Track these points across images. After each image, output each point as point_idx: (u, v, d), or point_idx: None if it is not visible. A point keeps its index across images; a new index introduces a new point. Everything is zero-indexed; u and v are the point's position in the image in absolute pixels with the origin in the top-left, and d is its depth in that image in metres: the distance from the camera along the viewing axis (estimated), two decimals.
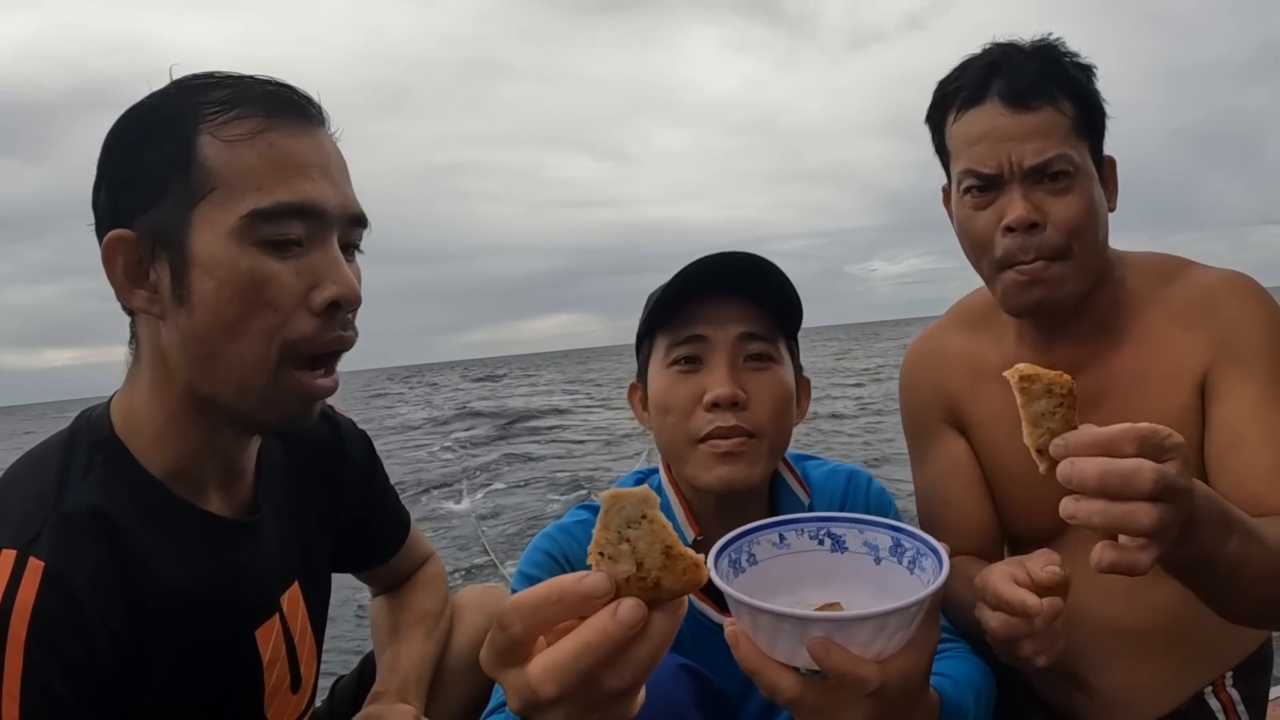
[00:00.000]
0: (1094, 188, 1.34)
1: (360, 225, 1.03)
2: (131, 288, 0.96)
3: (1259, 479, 1.20)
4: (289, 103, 0.97)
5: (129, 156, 0.96)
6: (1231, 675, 1.43)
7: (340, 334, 0.99)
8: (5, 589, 0.85)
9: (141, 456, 1.00)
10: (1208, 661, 1.41)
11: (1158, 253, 1.49)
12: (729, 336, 1.22)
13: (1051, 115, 1.30)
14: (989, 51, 1.37)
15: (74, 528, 0.91)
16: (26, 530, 0.89)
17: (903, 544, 0.94)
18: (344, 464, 1.34)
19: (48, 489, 0.94)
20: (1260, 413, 1.26)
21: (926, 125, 1.46)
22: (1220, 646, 1.41)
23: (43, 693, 0.84)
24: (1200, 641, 1.37)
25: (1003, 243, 1.31)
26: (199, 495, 1.04)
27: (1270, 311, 1.33)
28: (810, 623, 0.81)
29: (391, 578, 1.52)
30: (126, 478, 0.98)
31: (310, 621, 1.22)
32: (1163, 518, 0.80)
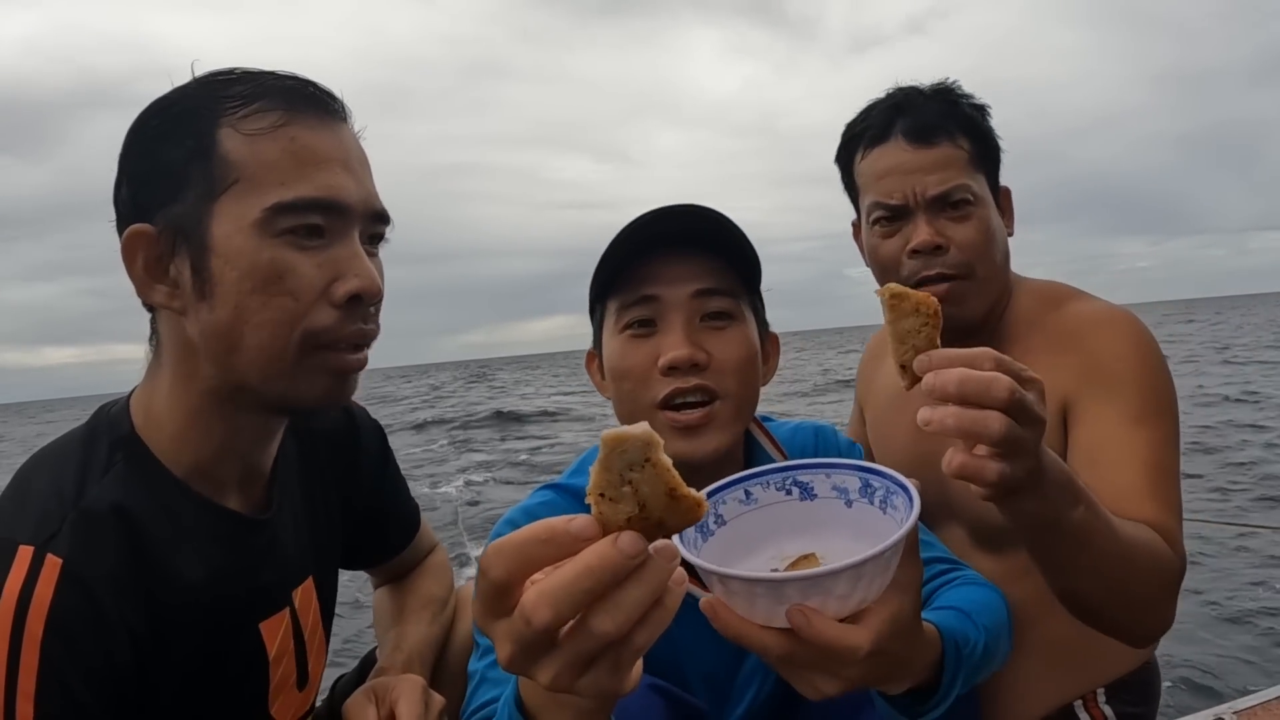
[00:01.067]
0: (992, 215, 1.47)
1: (382, 221, 1.03)
2: (152, 283, 0.96)
3: (1116, 496, 1.24)
4: (310, 97, 0.97)
5: (149, 151, 0.96)
6: (1104, 692, 1.51)
7: (361, 327, 0.99)
8: (23, 585, 0.84)
9: (162, 454, 0.99)
10: (1078, 672, 1.49)
11: (1053, 281, 1.59)
12: (683, 295, 1.15)
13: (951, 150, 1.43)
14: (892, 95, 1.51)
15: (93, 525, 0.90)
16: (45, 527, 0.88)
17: (871, 484, 0.92)
18: (359, 452, 1.33)
19: (67, 486, 0.93)
20: (1119, 435, 1.33)
21: (836, 165, 1.59)
22: (1092, 659, 1.49)
23: (59, 690, 0.83)
24: (1070, 650, 1.42)
25: (909, 264, 1.44)
26: (217, 492, 1.04)
27: (1139, 347, 1.41)
28: (784, 584, 0.78)
29: (398, 567, 1.50)
30: (147, 475, 0.98)
31: (321, 617, 1.21)
32: (1013, 430, 0.83)
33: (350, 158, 0.98)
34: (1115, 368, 1.39)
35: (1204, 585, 5.56)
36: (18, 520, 0.90)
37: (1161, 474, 1.31)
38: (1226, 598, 5.32)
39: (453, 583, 1.53)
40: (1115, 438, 1.33)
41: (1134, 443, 1.32)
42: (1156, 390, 1.38)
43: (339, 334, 0.96)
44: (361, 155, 1.01)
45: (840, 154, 1.57)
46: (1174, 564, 1.21)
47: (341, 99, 1.02)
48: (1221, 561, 5.97)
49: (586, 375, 1.33)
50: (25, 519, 0.89)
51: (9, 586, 0.84)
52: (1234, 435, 10.85)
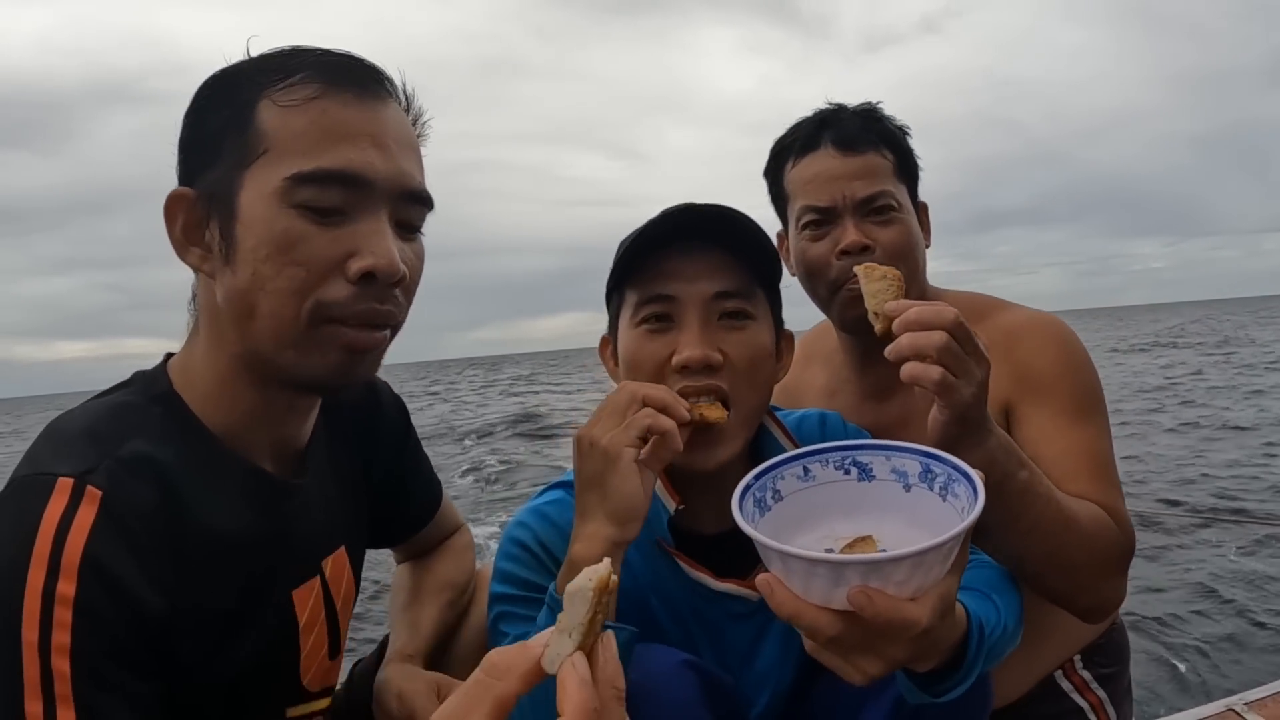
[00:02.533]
0: (913, 223, 1.56)
1: (417, 202, 1.01)
2: (187, 245, 0.98)
3: (1060, 484, 1.31)
4: (350, 71, 0.97)
5: (196, 119, 0.99)
6: (1080, 659, 1.64)
7: (374, 306, 0.96)
8: (63, 513, 0.84)
9: (199, 412, 1.00)
10: (1054, 643, 1.60)
11: (973, 292, 1.68)
12: (702, 295, 1.16)
13: (876, 158, 1.53)
14: (820, 112, 1.60)
15: (130, 470, 0.90)
16: (84, 465, 0.88)
17: (933, 469, 0.92)
18: (380, 425, 1.33)
19: (104, 434, 0.93)
20: (1052, 435, 1.43)
21: (765, 179, 1.68)
22: (1065, 630, 1.58)
23: (95, 620, 0.82)
24: (1045, 624, 1.49)
25: (838, 265, 1.51)
26: (250, 454, 1.04)
27: (1064, 349, 1.51)
28: (845, 566, 0.79)
29: (421, 544, 1.50)
30: (184, 430, 0.98)
31: (354, 586, 1.21)
32: (952, 345, 1.02)
33: (385, 135, 0.96)
34: (1046, 371, 1.48)
35: (1214, 579, 5.55)
36: (56, 459, 0.89)
37: (1100, 461, 1.41)
38: (1237, 593, 5.30)
39: (474, 567, 1.53)
40: (1053, 436, 1.42)
41: (1071, 438, 1.42)
42: (1086, 388, 1.49)
43: (350, 309, 0.95)
44: (402, 134, 1.00)
45: (769, 166, 1.66)
46: (1117, 537, 1.30)
47: (393, 78, 1.02)
48: (1240, 560, 5.96)
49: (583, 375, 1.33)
50: (63, 458, 0.89)
51: (49, 513, 0.83)
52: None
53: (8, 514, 0.85)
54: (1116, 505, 1.35)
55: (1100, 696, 1.63)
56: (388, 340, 1.02)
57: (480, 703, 0.62)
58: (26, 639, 0.79)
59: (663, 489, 1.21)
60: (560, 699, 0.62)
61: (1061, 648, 1.63)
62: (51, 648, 0.79)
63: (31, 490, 0.86)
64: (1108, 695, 1.64)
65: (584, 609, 0.63)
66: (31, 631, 0.79)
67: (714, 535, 1.24)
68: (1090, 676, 1.63)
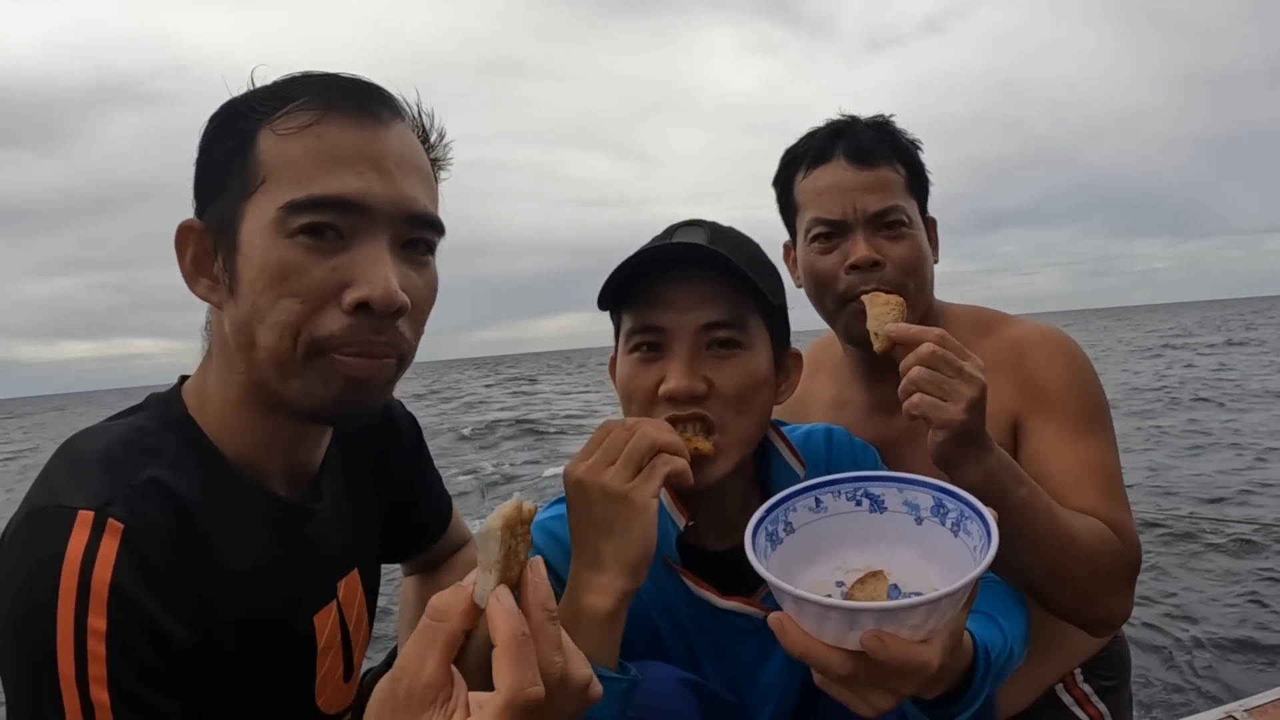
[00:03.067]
0: (923, 239, 1.56)
1: (424, 225, 0.98)
2: (197, 275, 0.98)
3: (1066, 498, 1.36)
4: (350, 93, 0.95)
5: (204, 153, 0.98)
6: (1080, 672, 1.64)
7: (370, 338, 0.93)
8: (86, 547, 0.83)
9: (212, 437, 1.00)
10: (1055, 657, 1.61)
11: (978, 306, 1.70)
12: (691, 326, 1.16)
13: (889, 173, 1.52)
14: (833, 122, 1.59)
15: (149, 500, 0.90)
16: (102, 496, 0.87)
17: (945, 504, 0.92)
18: (394, 444, 1.33)
19: (121, 462, 0.92)
20: (1060, 449, 1.44)
21: (774, 188, 1.66)
22: (1066, 643, 1.60)
23: (128, 653, 0.83)
24: (1046, 638, 1.48)
25: (846, 279, 1.50)
26: (265, 481, 1.04)
27: (1071, 363, 1.52)
28: (859, 612, 0.80)
29: (431, 559, 1.50)
30: (199, 458, 0.98)
31: (366, 609, 1.21)
32: (924, 375, 1.14)
33: (385, 157, 0.93)
34: (1053, 386, 1.49)
35: (1214, 584, 5.54)
36: (73, 490, 0.88)
37: (1106, 475, 1.41)
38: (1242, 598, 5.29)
39: None
40: (1061, 450, 1.43)
41: (1078, 452, 1.43)
42: (1092, 402, 1.50)
43: (345, 341, 0.93)
44: (405, 156, 0.96)
45: (780, 175, 1.64)
46: (1121, 552, 1.31)
47: (392, 95, 0.99)
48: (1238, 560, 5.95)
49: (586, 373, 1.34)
50: (80, 489, 0.88)
51: (72, 548, 0.83)
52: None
53: (29, 548, 0.85)
54: (1122, 519, 1.36)
55: (1101, 709, 1.64)
56: (393, 370, 0.99)
57: (432, 645, 0.68)
58: (63, 673, 0.80)
59: (671, 505, 1.22)
60: (491, 631, 0.67)
61: (1063, 661, 1.64)
62: (89, 679, 0.80)
63: (53, 523, 0.85)
64: (1109, 708, 1.64)
65: (496, 546, 0.69)
66: (68, 666, 0.80)
67: (719, 552, 1.25)
68: (1091, 689, 1.63)
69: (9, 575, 0.84)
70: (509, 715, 0.65)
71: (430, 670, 0.68)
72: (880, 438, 1.56)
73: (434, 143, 1.05)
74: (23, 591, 0.82)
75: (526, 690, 0.66)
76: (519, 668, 0.66)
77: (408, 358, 1.01)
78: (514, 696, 0.65)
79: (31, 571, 0.83)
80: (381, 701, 0.71)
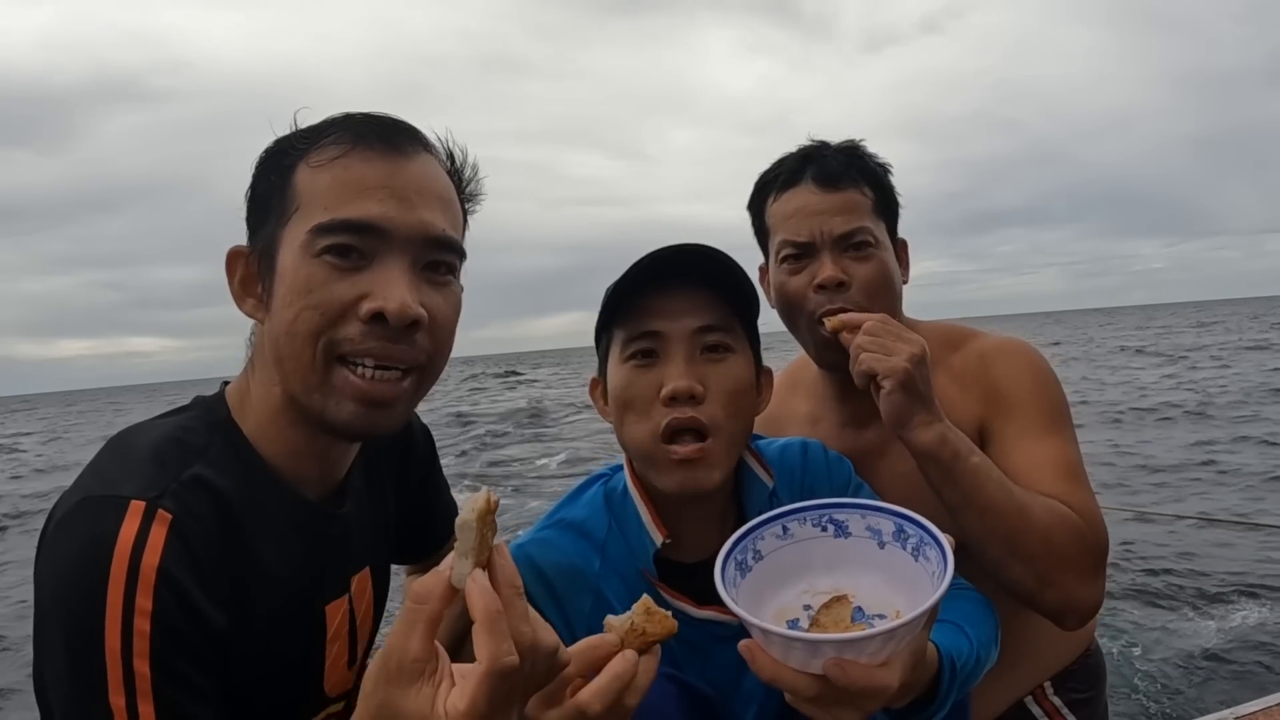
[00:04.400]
0: (890, 260, 1.60)
1: (444, 248, 1.06)
2: (244, 295, 1.08)
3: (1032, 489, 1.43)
4: (378, 129, 1.04)
5: (253, 185, 1.09)
6: (1051, 685, 1.66)
7: (386, 344, 1.01)
8: (137, 533, 0.90)
9: (252, 441, 1.08)
10: (1024, 669, 1.63)
11: (945, 323, 1.76)
12: (685, 329, 1.22)
13: (856, 195, 1.57)
14: (804, 148, 1.64)
15: (195, 496, 0.97)
16: (153, 489, 0.95)
17: (905, 530, 0.97)
18: (411, 454, 1.41)
19: (169, 459, 1.00)
20: (1023, 445, 1.50)
21: (749, 212, 1.72)
22: (1036, 655, 1.64)
23: (174, 635, 0.90)
24: (1015, 649, 1.50)
25: (814, 299, 1.55)
26: (298, 484, 1.11)
27: (1033, 370, 1.59)
28: (820, 644, 0.86)
29: (434, 562, 1.54)
30: (240, 460, 1.06)
31: (375, 605, 1.28)
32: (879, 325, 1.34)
33: (406, 186, 1.02)
34: (1017, 391, 1.55)
35: (1211, 588, 5.56)
36: (125, 481, 0.95)
37: (1068, 465, 1.47)
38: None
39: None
40: (1023, 446, 1.50)
41: (1042, 447, 1.49)
42: (1054, 405, 1.56)
43: (359, 346, 1.00)
44: (426, 185, 1.05)
45: (753, 200, 1.69)
46: (1083, 531, 1.36)
47: (419, 131, 1.09)
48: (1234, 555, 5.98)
49: None
50: (132, 480, 0.95)
51: (124, 532, 0.90)
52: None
53: (84, 530, 0.92)
54: (1085, 502, 1.41)
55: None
56: (409, 391, 1.07)
57: (415, 624, 0.78)
58: (109, 647, 0.87)
59: (650, 522, 1.27)
60: (470, 609, 0.77)
61: (1032, 673, 1.66)
62: (133, 653, 0.88)
63: (107, 509, 0.92)
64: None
65: (472, 535, 0.78)
66: (114, 640, 0.87)
67: (693, 564, 1.28)
68: (1061, 703, 1.65)
69: (62, 554, 0.91)
70: (490, 681, 0.75)
71: (416, 647, 0.77)
72: (851, 450, 1.62)
73: (466, 176, 1.14)
74: (76, 569, 0.89)
75: (503, 659, 0.75)
76: (495, 639, 0.76)
77: (429, 373, 1.09)
78: (493, 665, 0.75)
79: (85, 551, 0.90)
80: (375, 677, 0.79)
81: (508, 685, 0.76)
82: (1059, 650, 1.68)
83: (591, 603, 1.26)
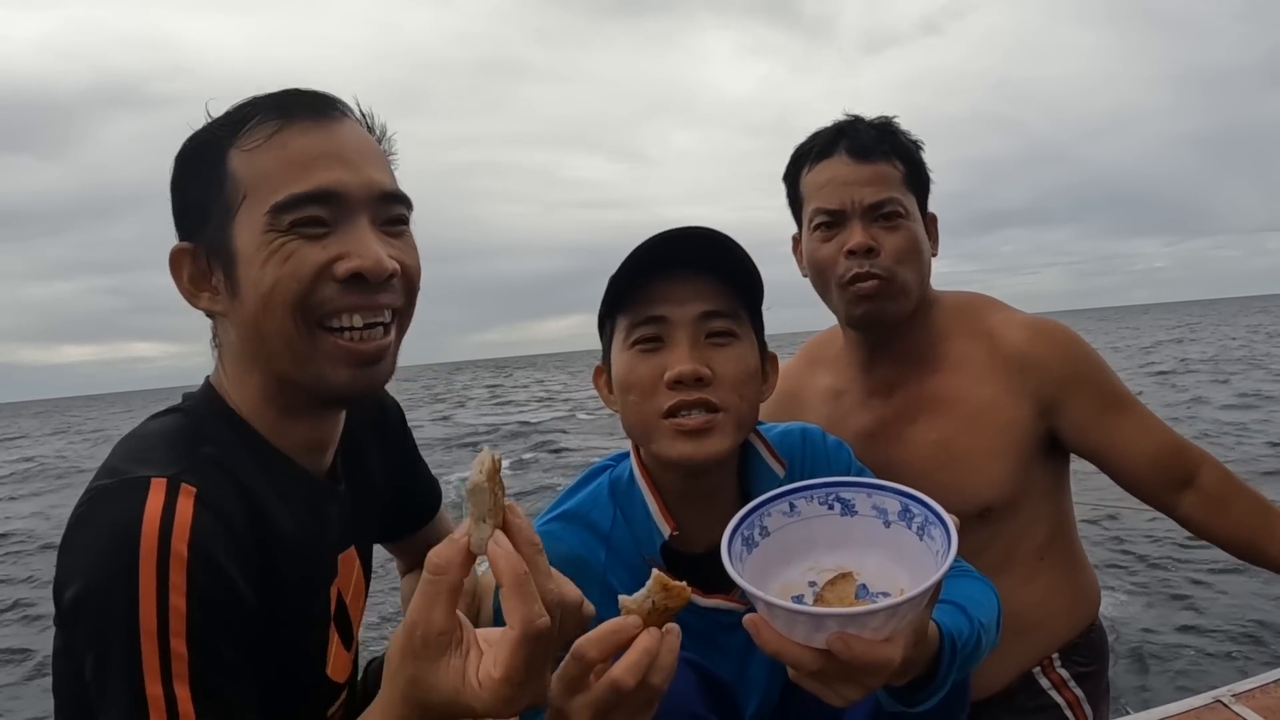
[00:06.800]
0: (919, 230, 1.66)
1: (394, 201, 1.07)
2: (196, 292, 1.06)
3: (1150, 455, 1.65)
4: (301, 102, 1.04)
5: (180, 190, 1.07)
6: (1059, 657, 1.71)
7: (365, 296, 1.02)
8: (163, 508, 0.89)
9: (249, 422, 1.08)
10: (1032, 641, 1.68)
11: (966, 292, 1.83)
12: (689, 315, 1.22)
13: (887, 168, 1.62)
14: (838, 122, 1.70)
15: (212, 472, 0.97)
16: (171, 467, 0.94)
17: (911, 509, 0.97)
18: (384, 425, 1.41)
19: (180, 441, 1.01)
20: (1122, 427, 1.65)
21: (784, 183, 1.78)
22: (1044, 628, 1.69)
23: (205, 602, 0.88)
24: (1023, 622, 1.59)
25: (844, 264, 1.61)
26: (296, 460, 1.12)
27: (1086, 346, 1.70)
28: (825, 617, 0.85)
29: (421, 548, 1.48)
30: (244, 440, 1.06)
31: (365, 582, 1.28)
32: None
33: (345, 150, 1.04)
34: (1083, 370, 1.66)
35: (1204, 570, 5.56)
36: (143, 464, 0.94)
37: (1172, 440, 1.67)
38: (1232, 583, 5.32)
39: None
40: (1123, 429, 1.65)
41: (1131, 422, 1.66)
42: (1115, 376, 1.70)
43: (339, 304, 1.01)
44: (362, 145, 1.07)
45: (789, 171, 1.75)
46: (1219, 470, 1.65)
47: (337, 97, 1.09)
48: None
49: None
50: (150, 463, 0.94)
51: (150, 508, 0.88)
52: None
53: (109, 512, 0.90)
54: (1201, 457, 1.67)
55: (1077, 694, 1.69)
56: (393, 341, 1.08)
57: (437, 596, 0.77)
58: (144, 627, 0.84)
59: (658, 513, 1.28)
60: (495, 572, 0.77)
61: (1041, 644, 1.70)
62: (170, 632, 0.85)
63: (129, 489, 0.91)
64: (1085, 694, 1.69)
65: (486, 498, 0.77)
66: (149, 620, 0.85)
67: (700, 554, 1.29)
68: (1068, 674, 1.69)
69: (90, 537, 0.89)
70: (525, 645, 0.75)
71: (440, 619, 0.77)
72: (877, 419, 1.69)
73: (379, 135, 1.14)
74: (105, 550, 0.87)
75: (536, 622, 0.75)
76: (526, 603, 0.75)
77: (405, 319, 1.10)
78: (527, 629, 0.75)
79: (111, 536, 0.88)
80: (400, 653, 0.79)
81: (542, 646, 0.76)
82: (1066, 624, 1.72)
83: (599, 594, 1.25)
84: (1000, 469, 1.63)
